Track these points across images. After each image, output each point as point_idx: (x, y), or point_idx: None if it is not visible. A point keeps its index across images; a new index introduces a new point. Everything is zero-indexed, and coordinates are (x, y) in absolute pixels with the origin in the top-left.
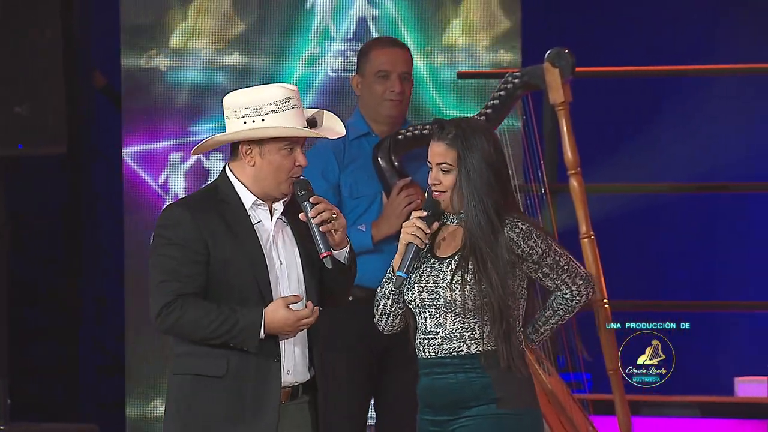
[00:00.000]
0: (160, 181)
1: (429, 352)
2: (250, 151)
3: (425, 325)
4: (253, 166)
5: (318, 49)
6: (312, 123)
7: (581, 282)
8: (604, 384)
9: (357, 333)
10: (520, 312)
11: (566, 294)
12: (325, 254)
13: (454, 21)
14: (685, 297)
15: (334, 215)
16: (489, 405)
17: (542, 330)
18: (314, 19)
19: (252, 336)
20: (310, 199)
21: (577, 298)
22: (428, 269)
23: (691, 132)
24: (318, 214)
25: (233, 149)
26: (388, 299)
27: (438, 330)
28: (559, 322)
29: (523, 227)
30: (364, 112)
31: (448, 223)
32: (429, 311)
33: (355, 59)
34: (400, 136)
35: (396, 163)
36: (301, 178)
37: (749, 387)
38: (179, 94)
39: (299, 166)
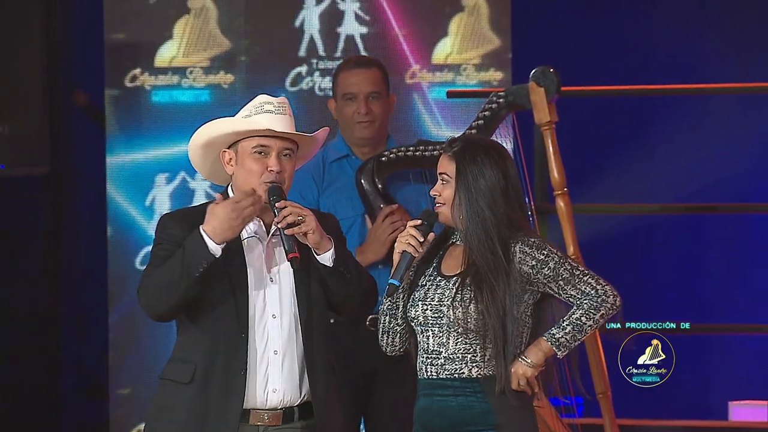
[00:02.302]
0: (146, 202)
1: (431, 372)
2: (230, 159)
3: (428, 344)
4: (233, 174)
5: (306, 67)
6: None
7: (607, 285)
8: (598, 408)
9: (342, 354)
10: (522, 340)
11: (591, 292)
12: (290, 256)
13: (443, 39)
14: (677, 319)
15: (300, 218)
16: (489, 431)
17: (565, 326)
18: (302, 37)
19: (200, 245)
20: (276, 204)
21: (603, 296)
22: (434, 287)
23: (682, 152)
24: (283, 218)
25: None
26: (386, 315)
27: (441, 350)
28: (583, 319)
29: (537, 240)
30: (343, 135)
31: (457, 242)
32: (432, 329)
33: None
34: (383, 158)
35: (380, 186)
36: (275, 184)
37: (744, 411)
38: (164, 113)
39: (270, 170)
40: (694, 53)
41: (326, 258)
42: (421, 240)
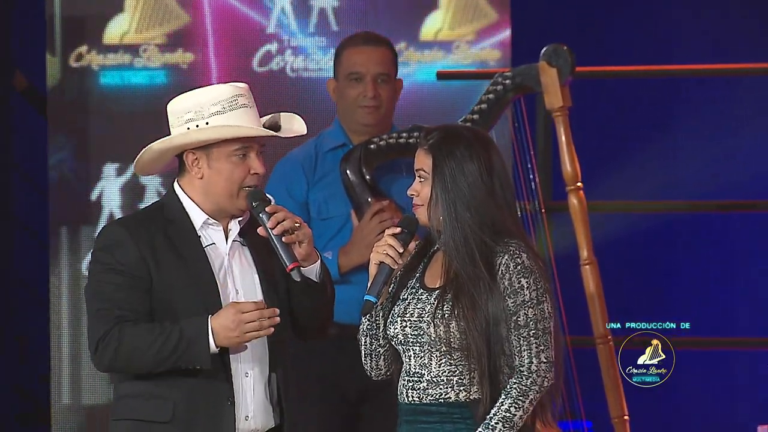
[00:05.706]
0: (93, 197)
1: (413, 396)
2: (197, 161)
3: (409, 365)
4: (202, 178)
5: (276, 45)
6: (273, 128)
7: (545, 362)
8: None
9: (326, 375)
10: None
11: (523, 368)
12: (291, 266)
13: (432, 13)
14: (703, 331)
15: (296, 224)
16: None
17: (494, 424)
18: (271, 11)
19: (201, 348)
20: (267, 209)
21: (533, 377)
22: (415, 301)
23: (712, 141)
24: (278, 223)
25: (180, 162)
26: (366, 336)
27: (423, 372)
28: (512, 410)
29: (527, 261)
30: (342, 121)
31: (443, 249)
32: (413, 349)
33: (318, 57)
34: (372, 146)
35: (368, 177)
36: (256, 188)
37: None
38: (114, 97)
39: (255, 174)
40: (728, 27)
41: (312, 271)
42: (401, 251)
